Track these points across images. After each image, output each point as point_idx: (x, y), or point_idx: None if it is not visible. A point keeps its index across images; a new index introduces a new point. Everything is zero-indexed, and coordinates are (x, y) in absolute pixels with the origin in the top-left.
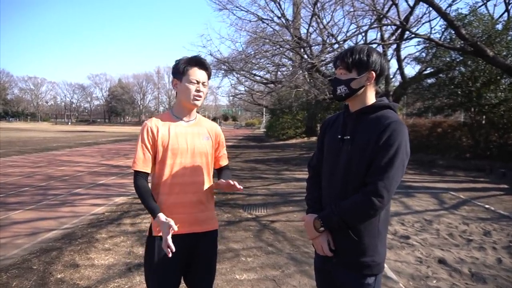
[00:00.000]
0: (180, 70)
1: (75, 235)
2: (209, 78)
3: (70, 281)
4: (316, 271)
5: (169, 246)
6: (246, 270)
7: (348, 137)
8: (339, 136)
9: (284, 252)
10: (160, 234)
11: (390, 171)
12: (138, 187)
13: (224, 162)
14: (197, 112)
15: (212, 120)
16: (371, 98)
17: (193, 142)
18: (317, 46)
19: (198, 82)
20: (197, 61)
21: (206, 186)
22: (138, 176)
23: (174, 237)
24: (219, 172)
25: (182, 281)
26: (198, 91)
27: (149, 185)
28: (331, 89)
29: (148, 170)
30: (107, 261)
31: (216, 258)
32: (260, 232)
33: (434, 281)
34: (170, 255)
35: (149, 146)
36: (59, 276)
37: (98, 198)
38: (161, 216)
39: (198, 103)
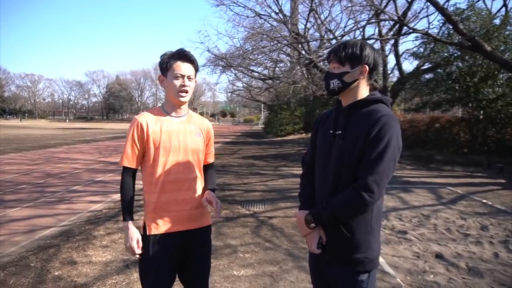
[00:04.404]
0: (164, 66)
1: (73, 232)
2: (196, 70)
3: (67, 278)
4: (311, 268)
5: (132, 248)
6: (243, 266)
7: (340, 131)
8: (331, 131)
9: (282, 248)
10: (153, 232)
11: (380, 165)
12: (123, 184)
13: (210, 159)
14: (195, 108)
15: (210, 116)
16: (364, 92)
17: (185, 140)
18: (315, 42)
19: (182, 76)
20: (180, 55)
21: (199, 182)
22: (126, 172)
23: (168, 234)
24: (204, 170)
25: (177, 278)
26: (183, 85)
27: (141, 182)
28: (324, 84)
29: (135, 166)
30: (105, 258)
31: (211, 254)
32: (258, 228)
33: (432, 276)
34: (137, 253)
35: (137, 142)
36: (56, 273)
37: (95, 195)
38: (131, 225)
39: (185, 99)
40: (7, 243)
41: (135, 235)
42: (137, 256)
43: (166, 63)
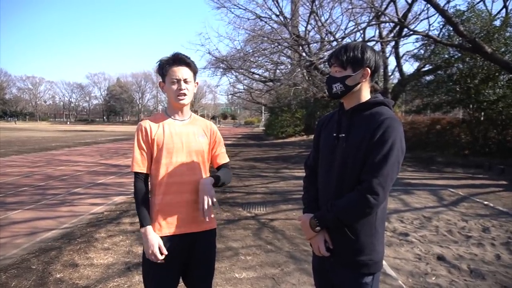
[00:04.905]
0: (161, 72)
1: (74, 235)
2: (194, 72)
3: (69, 281)
4: (314, 271)
5: (154, 254)
6: (245, 269)
7: (343, 134)
8: (334, 134)
9: (283, 250)
10: (157, 234)
11: (385, 168)
12: (136, 190)
13: (222, 160)
14: (196, 111)
15: (211, 118)
16: (366, 95)
17: (188, 141)
18: (315, 44)
19: (178, 81)
20: (174, 59)
21: None
22: (137, 177)
23: (172, 237)
24: (218, 171)
25: (181, 281)
26: (180, 89)
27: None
28: (326, 88)
29: (146, 171)
30: (106, 261)
31: (215, 257)
32: (259, 230)
33: (433, 278)
34: (161, 258)
35: (144, 147)
36: (58, 275)
37: (97, 197)
38: (149, 231)
39: (184, 101)
40: (9, 246)
41: (155, 239)
42: (161, 261)
43: (163, 69)
